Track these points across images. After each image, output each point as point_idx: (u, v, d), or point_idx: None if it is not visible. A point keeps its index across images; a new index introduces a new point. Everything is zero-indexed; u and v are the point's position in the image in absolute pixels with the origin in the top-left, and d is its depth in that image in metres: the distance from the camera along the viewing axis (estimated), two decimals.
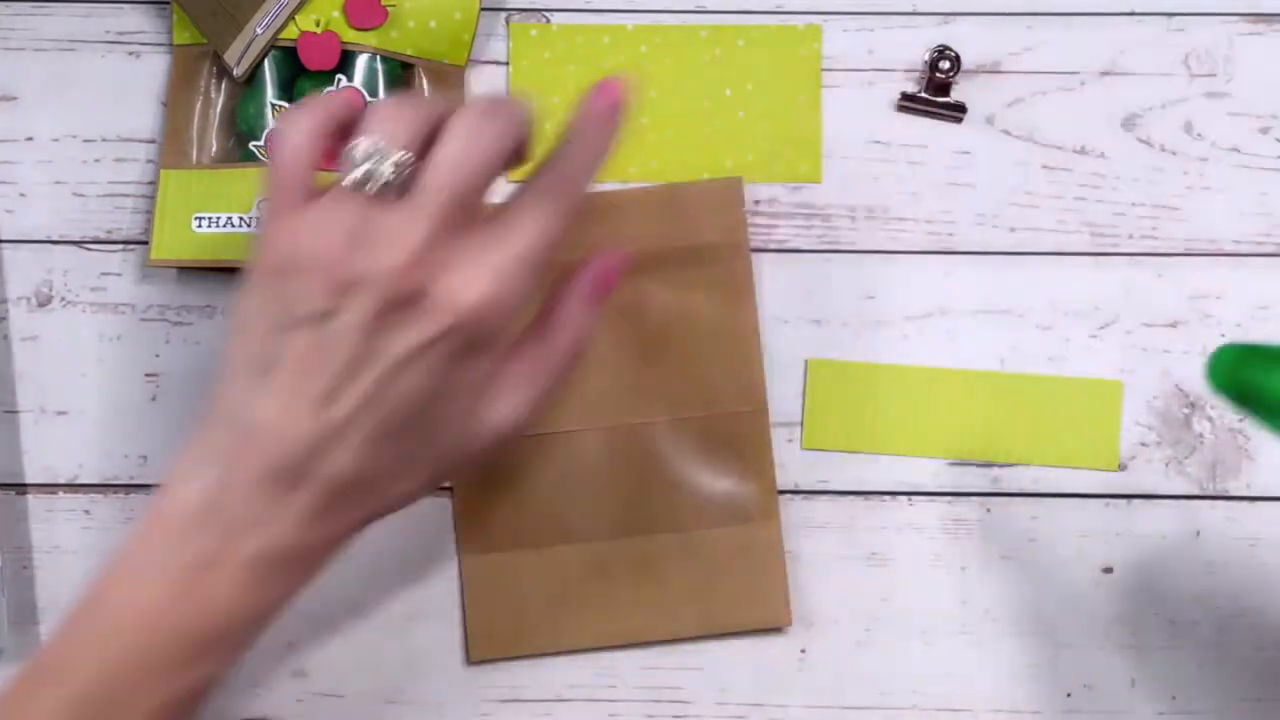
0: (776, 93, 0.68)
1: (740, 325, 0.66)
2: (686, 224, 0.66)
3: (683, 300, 0.66)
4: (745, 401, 0.66)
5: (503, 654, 0.65)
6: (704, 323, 0.66)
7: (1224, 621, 0.65)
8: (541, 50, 0.68)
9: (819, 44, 0.68)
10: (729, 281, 0.66)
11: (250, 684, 0.65)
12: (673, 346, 0.66)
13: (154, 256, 0.65)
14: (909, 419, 0.66)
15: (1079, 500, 0.66)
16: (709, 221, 0.67)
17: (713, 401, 0.66)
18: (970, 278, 0.67)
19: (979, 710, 0.65)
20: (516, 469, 0.64)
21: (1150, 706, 0.65)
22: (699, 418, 0.66)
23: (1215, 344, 0.66)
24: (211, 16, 0.66)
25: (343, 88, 0.66)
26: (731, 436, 0.66)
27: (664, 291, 0.66)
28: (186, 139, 0.67)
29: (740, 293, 0.66)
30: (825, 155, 0.68)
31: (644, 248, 0.66)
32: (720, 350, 0.66)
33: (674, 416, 0.66)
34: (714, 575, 0.65)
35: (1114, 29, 0.68)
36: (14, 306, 0.67)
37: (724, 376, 0.66)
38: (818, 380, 0.66)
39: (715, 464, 0.66)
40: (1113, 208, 0.67)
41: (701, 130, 0.68)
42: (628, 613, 0.65)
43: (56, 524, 0.66)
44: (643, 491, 0.65)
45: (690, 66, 0.68)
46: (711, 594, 0.65)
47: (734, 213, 0.67)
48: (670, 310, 0.66)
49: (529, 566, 0.65)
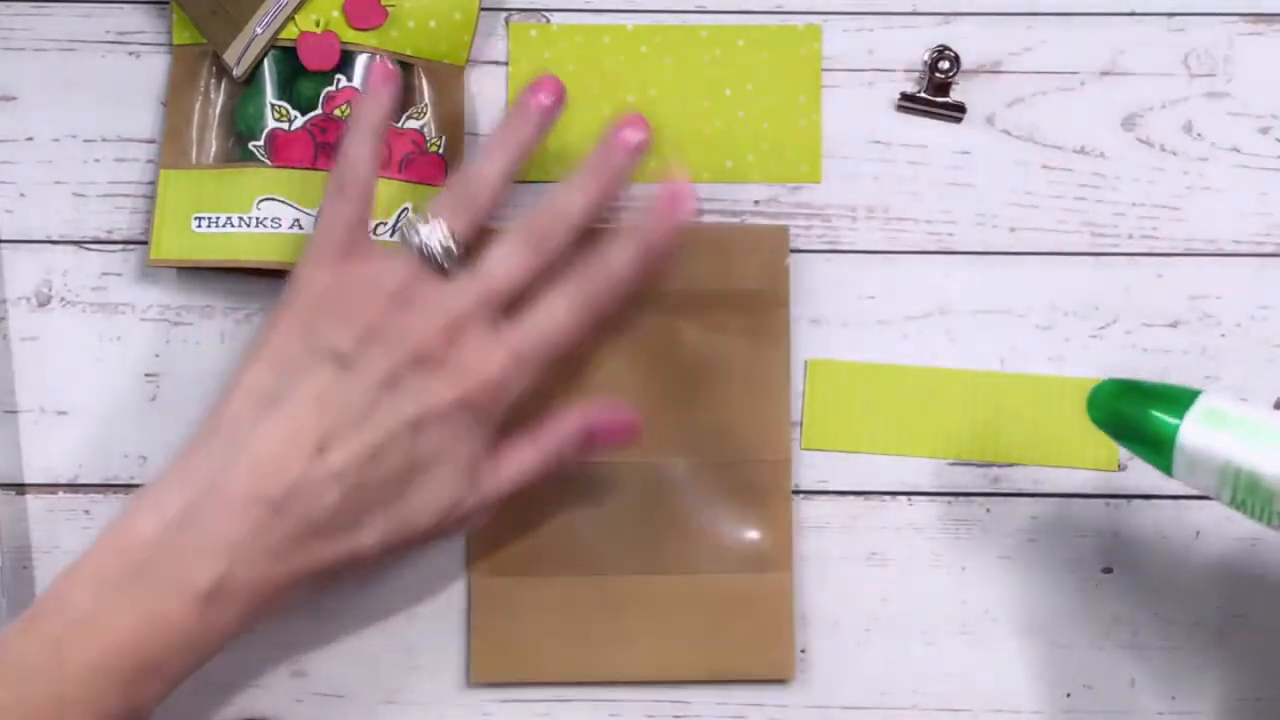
0: (776, 93, 0.68)
1: (772, 375, 0.66)
2: (729, 268, 0.66)
3: (717, 344, 0.66)
4: (769, 451, 0.65)
5: (504, 679, 0.65)
6: (736, 369, 0.66)
7: (1224, 621, 0.65)
8: (541, 50, 0.68)
9: (819, 44, 0.68)
10: (765, 330, 0.66)
11: (250, 684, 0.65)
12: (702, 389, 0.65)
13: (154, 256, 0.65)
14: (909, 419, 0.66)
15: (1079, 500, 0.66)
16: (752, 269, 0.66)
17: (737, 448, 0.65)
18: (970, 278, 0.67)
19: (979, 710, 0.65)
20: (533, 495, 0.63)
21: (1150, 706, 0.65)
22: (722, 463, 0.65)
23: (1214, 344, 0.66)
24: (211, 16, 0.66)
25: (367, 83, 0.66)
26: (752, 485, 0.65)
27: (698, 333, 0.66)
28: (186, 139, 0.67)
29: (776, 342, 0.66)
30: (825, 155, 0.68)
31: (683, 287, 0.65)
32: (749, 398, 0.65)
33: (696, 459, 0.65)
34: (722, 621, 0.64)
35: (1114, 29, 0.68)
36: (14, 306, 0.67)
37: (750, 424, 0.65)
38: (818, 380, 0.66)
39: (733, 510, 0.65)
40: (1113, 208, 0.67)
41: (701, 130, 0.68)
42: (633, 651, 0.64)
43: (56, 524, 0.66)
44: (658, 530, 0.65)
45: (690, 66, 0.68)
46: (717, 640, 0.64)
47: (778, 262, 0.66)
48: (703, 353, 0.66)
49: (537, 594, 0.65)
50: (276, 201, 0.65)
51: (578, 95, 0.66)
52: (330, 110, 0.66)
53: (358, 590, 0.65)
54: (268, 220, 0.65)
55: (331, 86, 0.66)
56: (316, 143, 0.66)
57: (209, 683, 0.64)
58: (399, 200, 0.66)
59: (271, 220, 0.65)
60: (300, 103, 0.66)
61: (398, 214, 0.66)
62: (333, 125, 0.66)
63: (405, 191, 0.66)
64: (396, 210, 0.66)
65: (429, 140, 0.67)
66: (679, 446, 0.65)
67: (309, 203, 0.65)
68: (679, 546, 0.65)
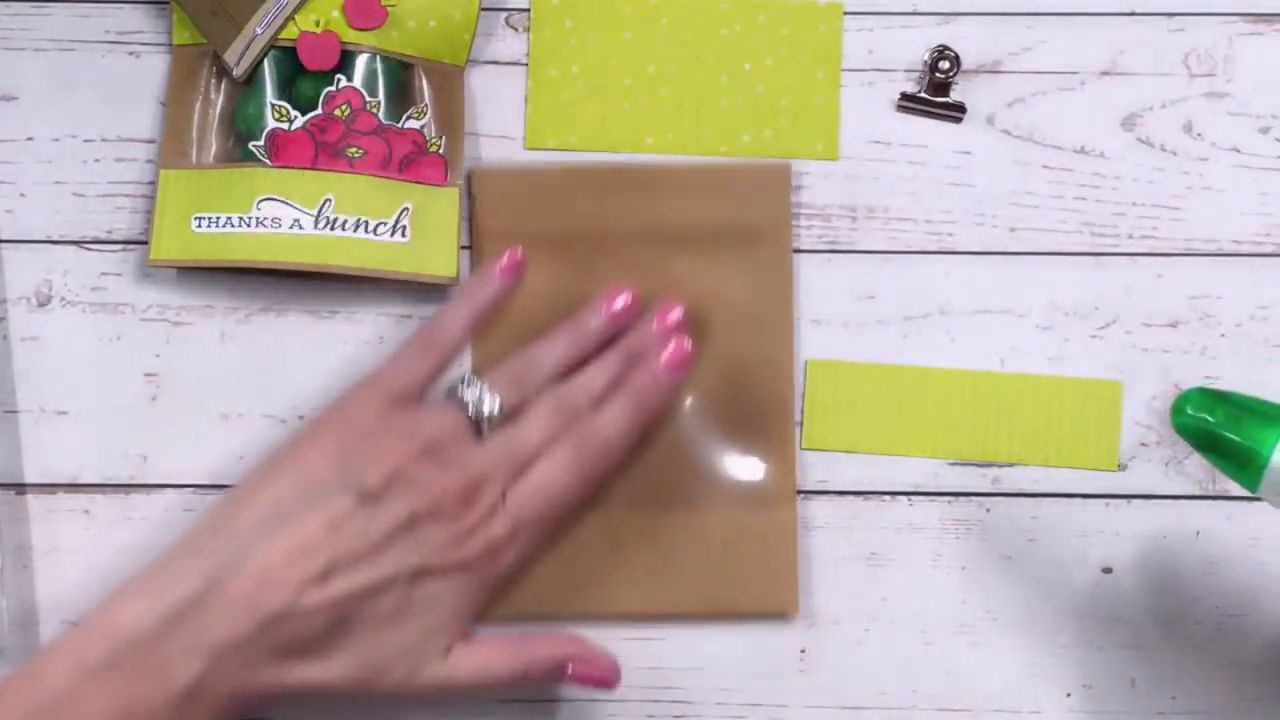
0: (795, 69, 0.68)
1: (775, 312, 0.66)
2: (733, 206, 0.66)
3: (720, 282, 0.66)
4: (773, 388, 0.66)
5: (506, 613, 0.64)
6: (740, 306, 0.66)
7: (1224, 621, 0.65)
8: (563, 19, 0.68)
9: (839, 22, 0.68)
10: (769, 268, 0.66)
11: None
12: (705, 326, 0.66)
13: (154, 256, 0.65)
14: (909, 419, 0.66)
15: (1079, 500, 0.66)
16: (756, 206, 0.66)
17: (741, 385, 0.66)
18: (970, 278, 0.67)
19: (979, 710, 0.65)
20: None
21: (1150, 706, 0.65)
22: (726, 399, 0.66)
23: (1214, 344, 0.66)
24: (211, 16, 0.66)
25: (490, 268, 0.65)
26: (756, 421, 0.65)
27: (702, 271, 0.66)
28: (186, 139, 0.67)
29: (780, 280, 0.66)
30: (825, 155, 0.68)
31: (686, 225, 0.66)
32: (753, 335, 0.66)
33: (700, 395, 0.66)
34: (725, 556, 0.65)
35: (1114, 29, 0.68)
36: (14, 306, 0.67)
37: (754, 361, 0.66)
38: (817, 380, 0.66)
39: (737, 446, 0.65)
40: (1113, 208, 0.67)
41: (720, 104, 0.68)
42: (634, 584, 0.64)
43: (56, 524, 0.66)
44: (662, 466, 0.65)
45: (710, 40, 0.68)
46: (720, 575, 0.65)
47: (781, 199, 0.67)
48: (707, 291, 0.66)
49: None
50: (276, 201, 0.65)
51: (596, 66, 0.67)
52: (330, 110, 0.66)
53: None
54: (268, 220, 0.65)
55: (331, 86, 0.66)
56: (316, 143, 0.66)
57: None
58: (399, 200, 0.66)
59: (271, 220, 0.65)
60: (300, 103, 0.66)
61: (397, 213, 0.66)
62: (333, 125, 0.66)
63: (405, 191, 0.66)
64: (396, 210, 0.66)
65: (429, 140, 0.67)
66: (683, 383, 0.65)
67: (309, 203, 0.65)
68: (682, 482, 0.65)
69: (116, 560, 0.64)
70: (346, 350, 0.66)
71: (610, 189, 0.67)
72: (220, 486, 0.65)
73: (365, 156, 0.66)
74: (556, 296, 0.66)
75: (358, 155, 0.66)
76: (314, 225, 0.65)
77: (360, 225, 0.65)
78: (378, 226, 0.65)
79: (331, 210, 0.65)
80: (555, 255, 0.66)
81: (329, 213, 0.65)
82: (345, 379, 0.65)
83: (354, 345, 0.66)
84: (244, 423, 0.66)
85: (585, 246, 0.66)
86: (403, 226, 0.66)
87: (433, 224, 0.66)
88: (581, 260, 0.66)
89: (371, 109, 0.66)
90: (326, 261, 0.65)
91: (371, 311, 0.67)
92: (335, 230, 0.65)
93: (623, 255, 0.66)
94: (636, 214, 0.66)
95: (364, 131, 0.66)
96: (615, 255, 0.66)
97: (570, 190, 0.67)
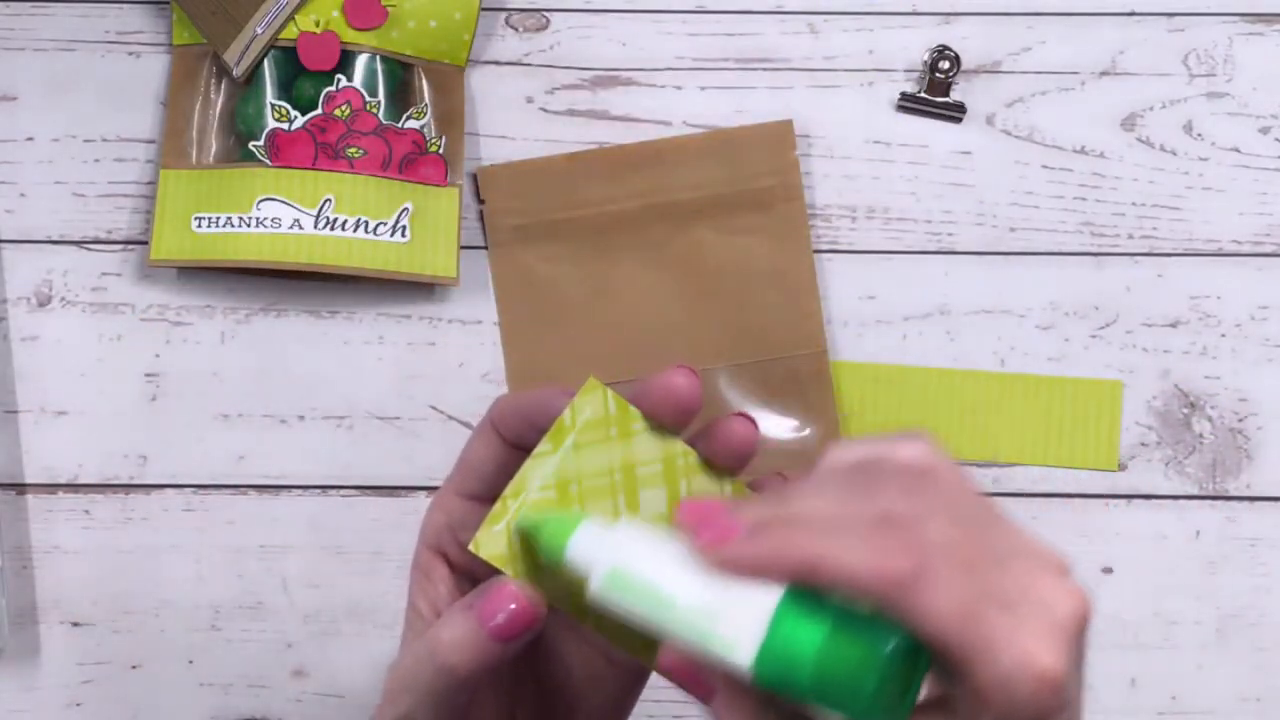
0: None
1: (797, 268, 0.66)
2: (739, 169, 0.67)
3: (738, 245, 0.66)
4: (805, 345, 0.66)
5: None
6: (761, 267, 0.66)
7: (1224, 621, 0.65)
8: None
9: None
10: (784, 225, 0.66)
11: (250, 684, 0.65)
12: (730, 292, 0.66)
13: (154, 256, 0.65)
14: (909, 419, 0.66)
15: (1079, 500, 0.66)
16: (762, 165, 0.67)
17: (772, 346, 0.66)
18: (970, 278, 0.67)
19: None
20: None
21: (1150, 706, 0.65)
22: (759, 363, 0.66)
23: (1214, 344, 0.66)
24: (211, 16, 0.66)
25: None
26: (793, 380, 0.65)
27: (719, 238, 0.66)
28: (186, 139, 0.67)
29: (796, 235, 0.66)
30: (825, 155, 0.68)
31: (697, 195, 0.66)
32: (778, 294, 0.66)
33: (734, 363, 0.66)
34: None
35: (1114, 29, 0.68)
36: (14, 306, 0.67)
37: (783, 321, 0.66)
38: None
39: (777, 408, 0.65)
40: (1113, 208, 0.67)
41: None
42: None
43: (56, 524, 0.66)
44: None
45: None
46: None
47: (786, 155, 0.67)
48: (726, 256, 0.66)
49: None
50: (276, 201, 0.65)
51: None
52: (330, 110, 0.66)
53: None
54: (268, 220, 0.65)
55: (331, 86, 0.66)
56: (316, 143, 0.66)
57: (209, 683, 0.64)
58: (399, 200, 0.66)
59: (271, 220, 0.65)
60: (300, 103, 0.66)
61: (397, 213, 0.66)
62: (333, 125, 0.66)
63: (405, 191, 0.66)
64: (396, 210, 0.66)
65: (429, 140, 0.67)
66: (716, 353, 0.65)
67: (309, 203, 0.65)
68: None
69: (116, 560, 0.64)
70: (346, 350, 0.66)
71: (616, 169, 0.67)
72: (220, 486, 0.65)
73: (365, 156, 0.66)
74: (581, 281, 0.66)
75: (358, 155, 0.66)
76: (314, 225, 0.65)
77: (360, 225, 0.65)
78: (378, 226, 0.65)
79: (331, 210, 0.65)
80: (573, 241, 0.66)
81: (329, 213, 0.65)
82: (345, 379, 0.65)
83: (354, 345, 0.67)
84: (244, 423, 0.66)
85: (601, 228, 0.66)
86: (403, 226, 0.66)
87: (433, 224, 0.66)
88: (600, 242, 0.66)
89: (371, 109, 0.67)
90: (326, 261, 0.65)
91: (371, 311, 0.67)
92: (335, 230, 0.65)
93: (640, 233, 0.66)
94: (646, 190, 0.66)
95: (364, 132, 0.66)
96: (632, 233, 0.66)
97: (576, 175, 0.67)
